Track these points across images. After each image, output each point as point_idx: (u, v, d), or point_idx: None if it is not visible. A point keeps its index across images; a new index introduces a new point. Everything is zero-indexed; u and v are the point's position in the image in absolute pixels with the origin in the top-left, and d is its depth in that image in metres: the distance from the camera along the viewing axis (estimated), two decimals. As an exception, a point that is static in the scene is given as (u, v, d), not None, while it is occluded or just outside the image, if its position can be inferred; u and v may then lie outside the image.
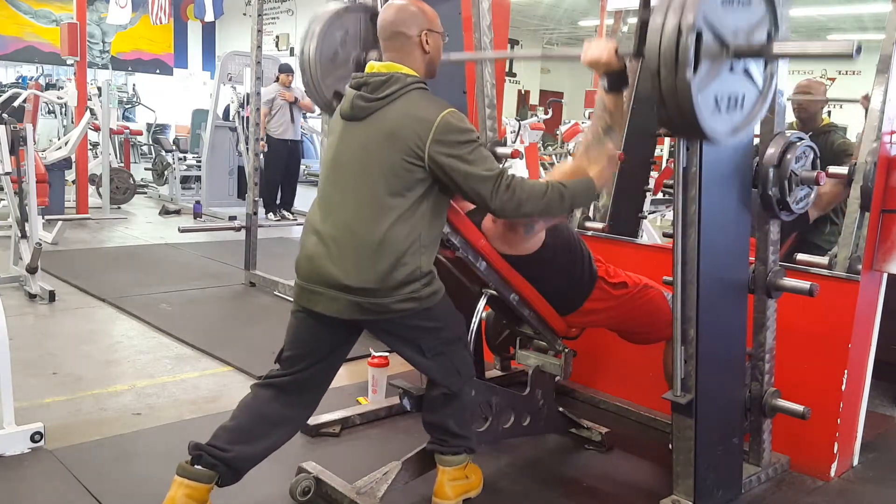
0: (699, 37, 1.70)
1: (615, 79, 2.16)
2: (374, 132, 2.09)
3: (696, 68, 1.70)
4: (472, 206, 2.31)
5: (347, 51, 2.56)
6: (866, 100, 2.88)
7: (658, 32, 1.72)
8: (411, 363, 2.24)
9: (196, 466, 2.07)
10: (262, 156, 6.31)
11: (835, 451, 2.70)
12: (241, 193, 8.34)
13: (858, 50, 1.71)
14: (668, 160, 7.23)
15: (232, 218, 6.68)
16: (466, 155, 2.03)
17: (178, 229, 5.71)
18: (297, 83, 8.97)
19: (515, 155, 2.91)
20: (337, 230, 2.09)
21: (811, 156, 2.41)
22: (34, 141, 5.52)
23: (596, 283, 2.59)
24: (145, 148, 12.53)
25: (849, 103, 4.24)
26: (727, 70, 1.81)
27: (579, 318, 2.64)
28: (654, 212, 6.03)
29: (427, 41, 2.15)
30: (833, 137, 3.66)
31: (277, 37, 15.36)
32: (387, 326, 2.16)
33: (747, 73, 1.88)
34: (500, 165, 2.08)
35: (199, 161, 9.22)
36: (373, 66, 2.16)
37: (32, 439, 2.61)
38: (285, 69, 7.95)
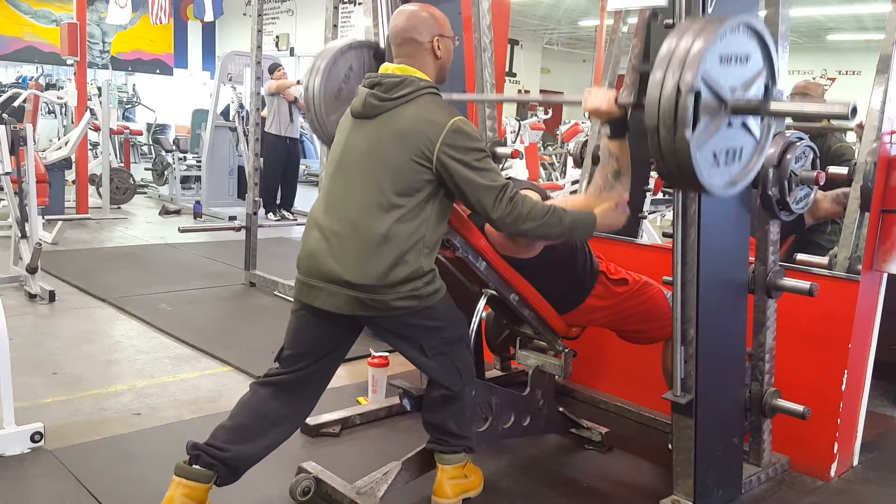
0: (698, 96, 1.69)
1: (617, 126, 2.20)
2: (384, 131, 2.10)
3: (694, 126, 1.70)
4: None
5: (351, 87, 2.58)
6: (860, 129, 2.85)
7: (658, 88, 1.71)
8: (412, 362, 2.24)
9: (194, 466, 2.07)
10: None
11: (835, 451, 2.70)
12: (241, 193, 8.34)
13: (854, 111, 1.73)
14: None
15: (232, 218, 6.69)
16: (473, 162, 2.05)
17: (178, 229, 5.72)
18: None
19: (515, 155, 2.92)
20: (340, 226, 2.09)
21: (811, 156, 2.41)
22: (34, 141, 5.52)
23: (598, 278, 2.59)
24: (145, 148, 12.53)
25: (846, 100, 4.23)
26: (725, 126, 1.81)
27: (580, 315, 2.64)
28: (654, 212, 6.01)
29: (439, 46, 2.18)
30: (830, 141, 3.63)
31: (277, 37, 15.36)
32: (388, 324, 2.16)
33: (745, 126, 1.88)
34: (505, 179, 2.11)
35: (199, 161, 9.22)
36: (387, 67, 2.18)
37: (32, 439, 2.61)
38: (274, 67, 7.99)
